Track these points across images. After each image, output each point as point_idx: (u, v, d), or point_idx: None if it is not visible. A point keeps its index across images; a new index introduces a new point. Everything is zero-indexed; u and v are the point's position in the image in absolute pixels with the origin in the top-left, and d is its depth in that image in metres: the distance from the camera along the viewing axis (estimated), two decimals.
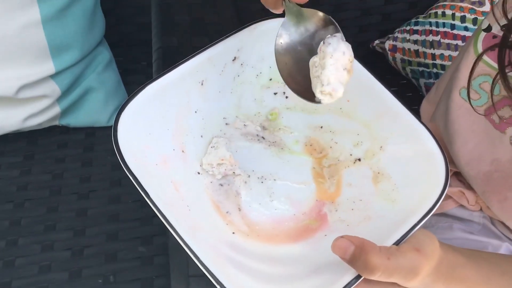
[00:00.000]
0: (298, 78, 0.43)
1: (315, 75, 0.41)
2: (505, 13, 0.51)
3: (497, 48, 0.52)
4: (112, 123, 0.90)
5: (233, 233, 0.47)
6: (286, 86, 0.52)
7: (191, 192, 0.47)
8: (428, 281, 0.41)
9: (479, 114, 0.55)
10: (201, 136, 0.50)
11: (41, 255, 0.75)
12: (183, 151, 0.49)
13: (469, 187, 0.66)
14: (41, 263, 0.74)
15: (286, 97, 0.53)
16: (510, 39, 0.50)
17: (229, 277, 0.39)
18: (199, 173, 0.49)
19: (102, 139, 0.89)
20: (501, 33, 0.53)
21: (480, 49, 0.56)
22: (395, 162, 0.47)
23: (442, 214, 0.69)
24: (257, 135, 0.52)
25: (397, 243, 0.40)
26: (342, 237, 0.38)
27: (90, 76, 0.87)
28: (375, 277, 0.38)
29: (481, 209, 0.67)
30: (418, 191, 0.44)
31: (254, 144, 0.52)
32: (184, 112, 0.49)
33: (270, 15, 0.48)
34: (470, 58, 0.56)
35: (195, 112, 0.49)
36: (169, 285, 0.71)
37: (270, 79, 0.53)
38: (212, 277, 0.38)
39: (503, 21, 0.51)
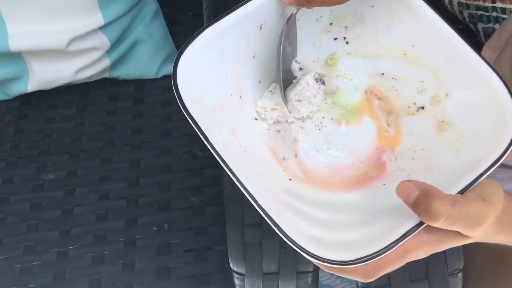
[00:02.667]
0: None
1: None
2: None
3: None
4: (160, 75, 0.90)
5: (290, 179, 0.47)
6: (347, 31, 0.51)
7: (248, 138, 0.47)
8: (491, 232, 0.40)
9: None
10: (259, 82, 0.49)
11: (97, 204, 0.78)
12: (240, 97, 0.48)
13: None
14: (98, 212, 0.77)
15: (347, 42, 0.51)
16: None
17: (287, 222, 0.39)
18: (256, 119, 0.49)
19: (152, 91, 0.90)
20: None
21: None
22: (461, 110, 0.45)
23: (501, 165, 0.67)
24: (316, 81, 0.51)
25: (461, 192, 0.39)
26: (408, 180, 0.37)
27: (138, 27, 0.87)
28: (437, 223, 0.37)
29: None
30: (485, 140, 0.42)
31: (311, 91, 0.50)
32: (243, 57, 0.48)
33: None
34: None
35: (253, 57, 0.48)
36: (221, 233, 0.73)
37: (331, 24, 0.51)
38: (271, 221, 0.38)
39: None
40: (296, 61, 0.50)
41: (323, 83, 0.50)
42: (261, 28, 0.48)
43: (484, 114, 0.43)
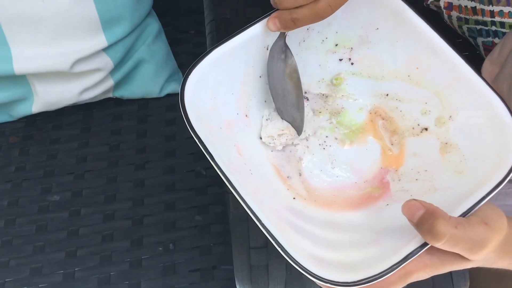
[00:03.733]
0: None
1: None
2: None
3: None
4: (163, 94, 0.91)
5: (294, 198, 0.47)
6: (352, 52, 0.51)
7: (253, 156, 0.48)
8: (492, 257, 0.40)
9: None
10: (265, 101, 0.50)
11: (103, 224, 0.78)
12: (246, 116, 0.49)
13: None
14: (103, 232, 0.77)
15: (352, 63, 0.52)
16: None
17: (290, 242, 0.39)
18: (261, 138, 0.49)
19: (155, 110, 0.90)
20: None
21: None
22: (464, 132, 0.45)
23: None
24: (319, 100, 0.51)
25: (464, 215, 0.39)
26: (414, 199, 0.38)
27: (141, 48, 0.88)
28: (440, 244, 0.37)
29: None
30: (488, 163, 0.42)
31: (315, 110, 0.51)
32: (249, 77, 0.49)
33: None
34: None
35: (260, 77, 0.49)
36: (226, 253, 0.73)
37: (336, 45, 0.51)
38: (275, 241, 0.39)
39: None
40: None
41: (307, 99, 0.51)
42: (267, 49, 0.48)
43: (486, 137, 0.44)
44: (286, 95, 0.48)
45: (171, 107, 0.90)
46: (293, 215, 0.45)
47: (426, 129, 0.48)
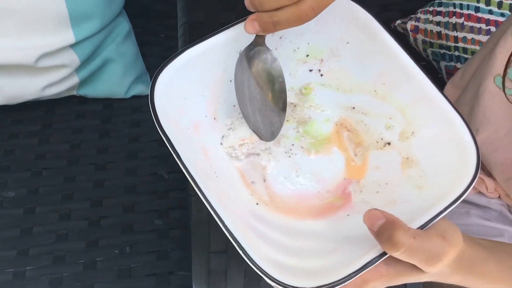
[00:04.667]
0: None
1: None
2: None
3: None
4: (129, 95, 0.90)
5: (257, 204, 0.47)
6: (322, 63, 0.52)
7: (219, 159, 0.48)
8: (447, 271, 0.41)
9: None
10: (234, 106, 0.50)
11: (58, 224, 0.76)
12: (214, 119, 0.49)
13: (489, 174, 0.66)
14: (58, 232, 0.75)
15: (321, 74, 0.52)
16: None
17: (252, 246, 0.39)
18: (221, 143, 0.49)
19: (120, 111, 0.89)
20: None
21: None
22: (426, 148, 0.47)
23: None
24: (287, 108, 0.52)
25: (422, 228, 0.40)
26: (375, 209, 0.39)
27: (109, 47, 0.86)
28: (398, 253, 0.38)
29: (499, 197, 0.68)
30: (447, 179, 0.44)
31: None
32: (220, 80, 0.49)
33: None
34: (508, 45, 0.55)
35: (230, 81, 0.49)
36: (184, 258, 0.72)
37: (307, 55, 0.52)
38: (237, 244, 0.39)
39: None
40: None
41: None
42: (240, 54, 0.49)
43: (447, 154, 0.45)
44: (252, 100, 0.48)
45: (137, 108, 0.89)
46: (255, 220, 0.45)
47: (389, 143, 0.49)
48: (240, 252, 0.39)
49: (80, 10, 0.78)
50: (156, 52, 0.97)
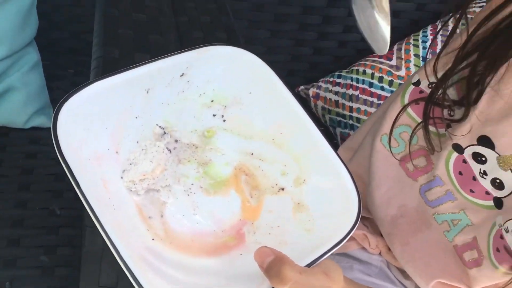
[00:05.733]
0: None
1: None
2: (435, 72, 0.57)
3: (422, 102, 0.57)
4: (29, 126, 0.87)
5: (153, 239, 0.48)
6: (226, 109, 0.55)
7: (118, 193, 0.48)
8: None
9: (396, 159, 0.61)
10: (137, 142, 0.51)
11: None
12: (117, 152, 0.49)
13: (372, 231, 0.71)
14: None
15: (224, 120, 0.55)
16: (436, 96, 0.56)
17: (147, 279, 0.40)
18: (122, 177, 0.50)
19: (16, 141, 0.86)
20: (427, 89, 0.59)
21: (406, 100, 0.61)
22: (315, 194, 0.51)
23: (344, 254, 0.74)
24: (188, 149, 0.54)
25: (308, 266, 0.43)
26: (265, 246, 0.41)
27: (14, 75, 0.84)
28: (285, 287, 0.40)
29: (380, 253, 0.73)
30: (332, 223, 0.48)
31: (182, 159, 0.53)
32: (126, 115, 0.50)
33: (212, 43, 0.52)
34: (396, 108, 0.62)
35: (136, 117, 0.50)
36: None
37: (212, 101, 0.55)
38: (133, 279, 0.39)
39: (433, 78, 0.57)
40: (159, 125, 0.53)
41: (170, 151, 0.53)
42: (147, 92, 0.50)
43: (333, 201, 0.49)
44: None
45: (35, 140, 0.86)
46: (151, 255, 0.45)
47: (283, 189, 0.53)
48: (135, 285, 0.39)
49: None
50: (63, 86, 0.96)
